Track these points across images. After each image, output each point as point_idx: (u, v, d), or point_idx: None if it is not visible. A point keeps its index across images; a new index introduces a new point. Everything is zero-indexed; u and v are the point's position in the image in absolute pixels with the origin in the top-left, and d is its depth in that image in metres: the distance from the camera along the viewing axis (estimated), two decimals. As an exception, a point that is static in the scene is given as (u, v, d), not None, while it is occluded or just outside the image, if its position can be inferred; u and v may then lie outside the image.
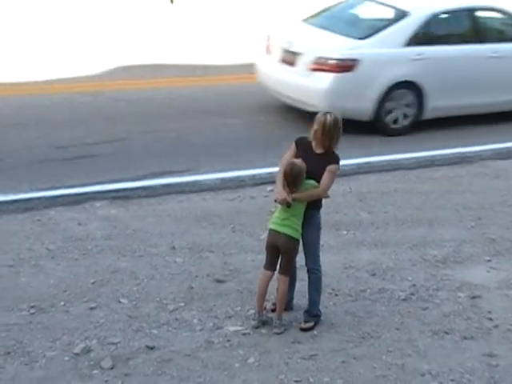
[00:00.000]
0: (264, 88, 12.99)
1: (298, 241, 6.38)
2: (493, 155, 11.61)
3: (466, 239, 8.41)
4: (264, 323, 6.50)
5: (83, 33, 17.92)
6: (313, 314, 6.52)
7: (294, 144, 6.50)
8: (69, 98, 13.09)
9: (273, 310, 6.57)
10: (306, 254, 6.51)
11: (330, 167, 6.30)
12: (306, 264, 6.52)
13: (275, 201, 6.36)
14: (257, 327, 6.47)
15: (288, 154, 6.47)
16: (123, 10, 20.90)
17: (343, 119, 6.36)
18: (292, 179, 6.23)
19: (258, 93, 13.34)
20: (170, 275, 7.32)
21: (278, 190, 6.34)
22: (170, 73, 15.35)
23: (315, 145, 6.36)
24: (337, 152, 6.39)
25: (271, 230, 6.41)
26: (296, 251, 6.43)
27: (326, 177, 6.28)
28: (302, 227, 6.37)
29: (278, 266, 6.45)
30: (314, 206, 6.38)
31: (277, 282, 6.46)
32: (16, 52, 15.89)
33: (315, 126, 6.30)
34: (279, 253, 6.39)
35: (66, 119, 12.02)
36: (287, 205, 6.24)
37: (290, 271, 6.46)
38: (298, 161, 6.28)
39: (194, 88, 14.48)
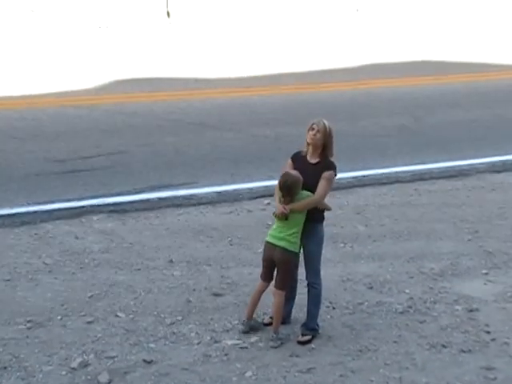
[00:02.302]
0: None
1: (295, 254, 6.35)
2: (489, 168, 11.63)
3: (464, 252, 8.41)
4: (252, 329, 6.51)
5: (79, 46, 17.95)
6: (310, 328, 6.50)
7: (290, 160, 6.47)
8: (64, 111, 13.11)
9: (269, 324, 6.55)
10: (306, 268, 6.48)
11: (325, 174, 6.26)
12: (307, 277, 6.50)
13: (273, 215, 6.34)
14: (245, 332, 6.48)
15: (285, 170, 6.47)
16: (120, 23, 20.93)
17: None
18: (287, 189, 6.22)
19: (254, 106, 13.35)
20: (167, 289, 7.31)
21: (276, 204, 6.34)
22: (166, 86, 15.39)
23: (310, 154, 6.34)
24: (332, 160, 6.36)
25: (267, 243, 6.39)
26: (294, 265, 6.40)
27: (321, 184, 6.26)
28: (304, 241, 6.36)
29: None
30: (314, 218, 6.34)
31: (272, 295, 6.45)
32: (12, 65, 15.91)
33: (314, 133, 6.24)
34: (275, 266, 6.37)
35: (63, 132, 12.03)
36: (285, 217, 6.24)
37: (285, 285, 6.41)
38: (293, 171, 6.28)
39: (190, 101, 14.51)
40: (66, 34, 19.20)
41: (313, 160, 6.34)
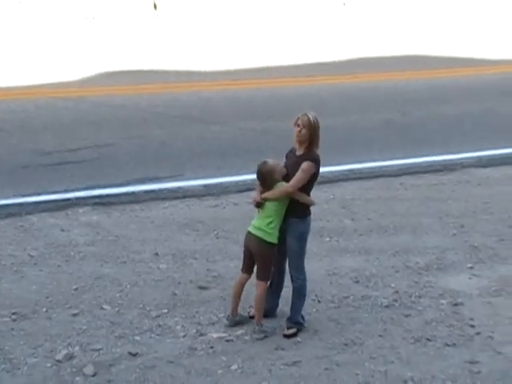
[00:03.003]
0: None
1: (271, 244, 6.31)
2: (475, 163, 11.68)
3: (449, 246, 8.44)
4: (237, 323, 6.52)
5: (66, 37, 17.87)
6: (294, 321, 6.50)
7: (285, 157, 6.51)
8: (52, 103, 13.06)
9: (253, 317, 6.55)
10: (289, 262, 6.49)
11: (303, 164, 6.24)
12: (289, 271, 6.51)
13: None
14: (230, 327, 6.48)
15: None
16: (106, 15, 20.85)
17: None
18: (261, 177, 6.26)
19: (240, 99, 13.34)
20: (153, 282, 7.30)
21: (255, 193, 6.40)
22: (153, 79, 15.35)
23: (298, 148, 6.35)
24: (317, 153, 6.35)
25: (247, 233, 6.43)
26: (270, 255, 6.36)
27: (296, 174, 6.25)
28: (285, 236, 6.35)
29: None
30: (295, 213, 6.33)
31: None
32: (-1, 57, 15.83)
33: (299, 130, 6.24)
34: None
35: (50, 124, 11.99)
36: (257, 205, 6.27)
37: (266, 276, 6.40)
38: (272, 160, 6.29)
39: (177, 94, 14.48)
40: (53, 24, 19.11)
41: (298, 152, 6.35)
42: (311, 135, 6.26)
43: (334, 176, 10.37)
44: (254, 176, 6.40)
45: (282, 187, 6.25)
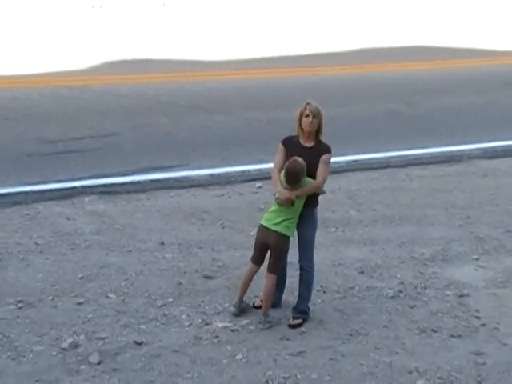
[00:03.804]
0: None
1: (288, 238, 6.36)
2: (481, 154, 11.65)
3: (455, 237, 8.43)
4: (243, 311, 6.53)
5: (72, 26, 17.85)
6: (301, 311, 6.50)
7: (281, 145, 6.39)
8: (57, 91, 13.06)
9: (260, 307, 6.56)
10: (300, 252, 6.46)
11: (323, 157, 6.24)
12: (300, 261, 6.49)
13: (276, 200, 6.29)
14: (235, 315, 6.49)
15: (278, 156, 6.37)
16: (113, 4, 20.82)
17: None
18: (295, 176, 6.17)
19: (246, 89, 13.33)
20: (158, 271, 7.31)
21: (279, 190, 6.25)
22: (159, 68, 15.33)
23: (305, 139, 6.31)
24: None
25: (262, 227, 6.37)
26: (286, 249, 6.40)
27: (321, 168, 6.23)
28: (299, 225, 6.35)
29: (265, 262, 6.44)
30: (311, 203, 6.32)
31: (264, 278, 6.45)
32: (4, 45, 15.81)
33: (310, 120, 6.19)
34: (267, 250, 6.38)
35: (55, 113, 11.99)
36: (291, 203, 6.22)
37: (278, 270, 6.43)
38: (300, 159, 6.22)
39: (182, 83, 14.47)
40: (59, 13, 19.08)
41: (308, 144, 6.31)
42: (320, 123, 6.25)
43: (339, 166, 10.36)
44: (259, 166, 6.39)
45: (315, 184, 6.23)
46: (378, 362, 5.96)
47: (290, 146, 6.34)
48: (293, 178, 6.19)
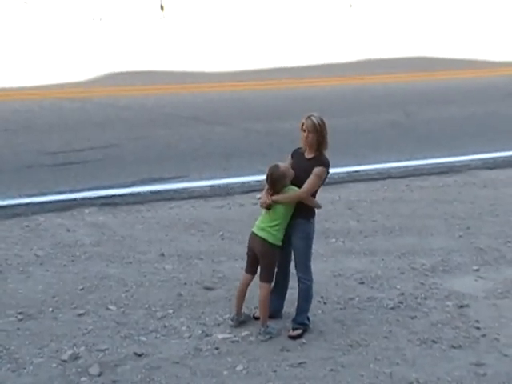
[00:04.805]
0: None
1: (276, 247, 6.33)
2: (480, 165, 11.66)
3: (455, 248, 8.43)
4: (241, 323, 6.53)
5: (72, 38, 17.89)
6: (300, 322, 6.50)
7: (289, 155, 6.51)
8: (57, 103, 13.08)
9: (259, 318, 6.55)
10: (295, 263, 6.48)
11: (315, 169, 6.26)
12: (296, 273, 6.50)
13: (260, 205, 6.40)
14: (235, 327, 6.49)
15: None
16: (113, 16, 20.88)
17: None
18: (272, 181, 6.24)
19: (246, 101, 13.35)
20: (158, 282, 7.31)
21: (263, 193, 6.38)
22: (159, 79, 15.36)
23: (307, 151, 6.36)
24: (326, 155, 6.37)
25: (251, 233, 6.43)
26: (273, 257, 6.36)
27: (309, 179, 6.25)
28: (291, 236, 6.35)
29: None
30: (300, 214, 6.34)
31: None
32: (5, 57, 15.85)
33: (305, 135, 6.26)
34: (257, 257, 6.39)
35: (55, 125, 12.01)
36: (266, 207, 6.26)
37: (269, 278, 6.40)
38: (283, 164, 6.30)
39: (183, 95, 14.49)
40: (59, 25, 19.14)
41: (308, 155, 6.35)
42: (318, 138, 6.27)
43: (339, 177, 10.37)
44: (259, 177, 6.42)
45: (296, 192, 6.24)
46: (378, 373, 5.96)
47: (295, 156, 6.46)
48: (270, 183, 6.27)
